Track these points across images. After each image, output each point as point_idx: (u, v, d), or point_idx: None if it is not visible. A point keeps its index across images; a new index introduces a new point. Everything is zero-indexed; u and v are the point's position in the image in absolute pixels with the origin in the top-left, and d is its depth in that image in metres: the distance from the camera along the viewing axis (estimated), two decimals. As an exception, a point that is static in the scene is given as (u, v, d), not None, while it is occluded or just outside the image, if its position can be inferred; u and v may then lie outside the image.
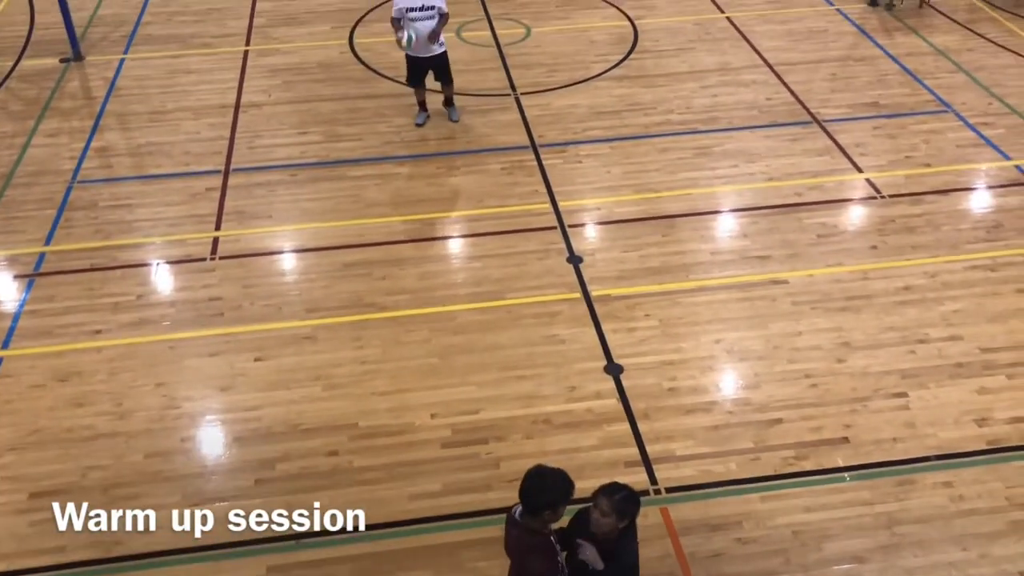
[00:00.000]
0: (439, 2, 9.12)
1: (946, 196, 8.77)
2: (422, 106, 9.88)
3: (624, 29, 11.94)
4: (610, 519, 4.21)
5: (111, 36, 11.91)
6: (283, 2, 12.81)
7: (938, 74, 10.79)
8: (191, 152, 9.53)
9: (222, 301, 7.61)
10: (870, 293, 7.61)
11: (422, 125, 9.83)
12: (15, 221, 8.54)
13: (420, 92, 9.77)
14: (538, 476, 4.17)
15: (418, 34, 9.04)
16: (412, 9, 9.04)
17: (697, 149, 9.50)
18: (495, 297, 7.65)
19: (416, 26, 9.04)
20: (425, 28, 9.10)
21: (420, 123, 9.84)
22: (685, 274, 7.85)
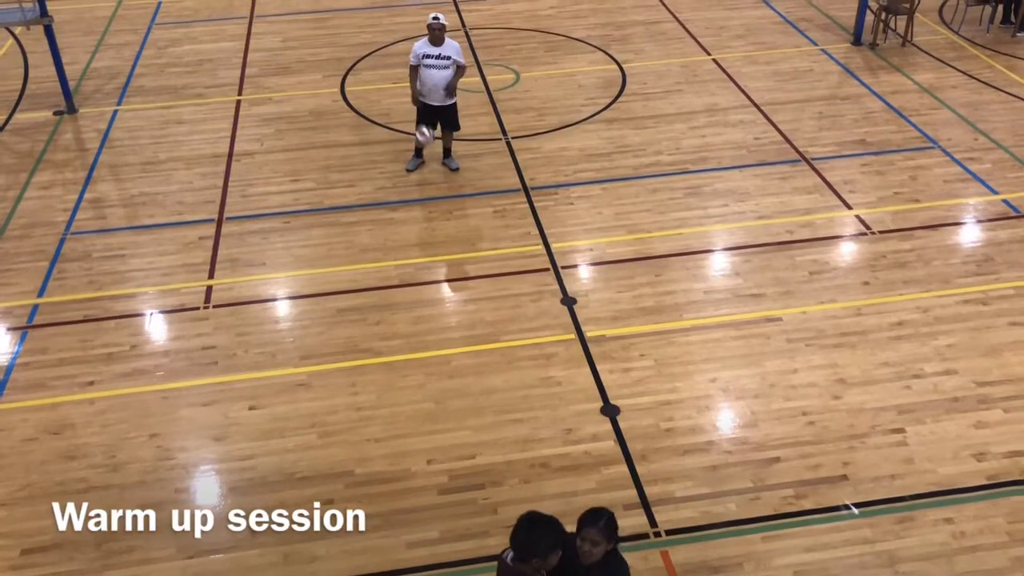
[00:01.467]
0: (456, 54, 9.30)
1: (936, 231, 8.84)
2: (418, 152, 9.96)
3: (612, 73, 12.09)
4: (601, 546, 4.24)
5: (104, 88, 12.02)
6: (275, 52, 12.96)
7: (923, 111, 10.93)
8: (184, 202, 9.57)
9: (216, 350, 7.59)
10: (864, 329, 7.63)
11: (412, 171, 9.90)
12: (8, 273, 8.53)
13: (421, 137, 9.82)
14: (529, 524, 4.15)
15: (432, 81, 9.28)
16: (429, 56, 9.25)
17: (687, 189, 9.58)
18: (489, 340, 7.64)
19: (431, 73, 9.27)
20: (440, 77, 9.29)
21: (411, 169, 9.91)
22: (679, 313, 7.86)
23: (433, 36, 9.23)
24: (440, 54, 9.27)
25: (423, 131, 9.44)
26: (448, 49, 9.30)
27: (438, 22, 9.20)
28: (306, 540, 5.90)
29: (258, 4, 14.64)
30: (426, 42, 9.31)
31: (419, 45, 9.37)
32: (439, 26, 9.19)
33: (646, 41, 12.98)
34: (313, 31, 13.61)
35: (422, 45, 9.34)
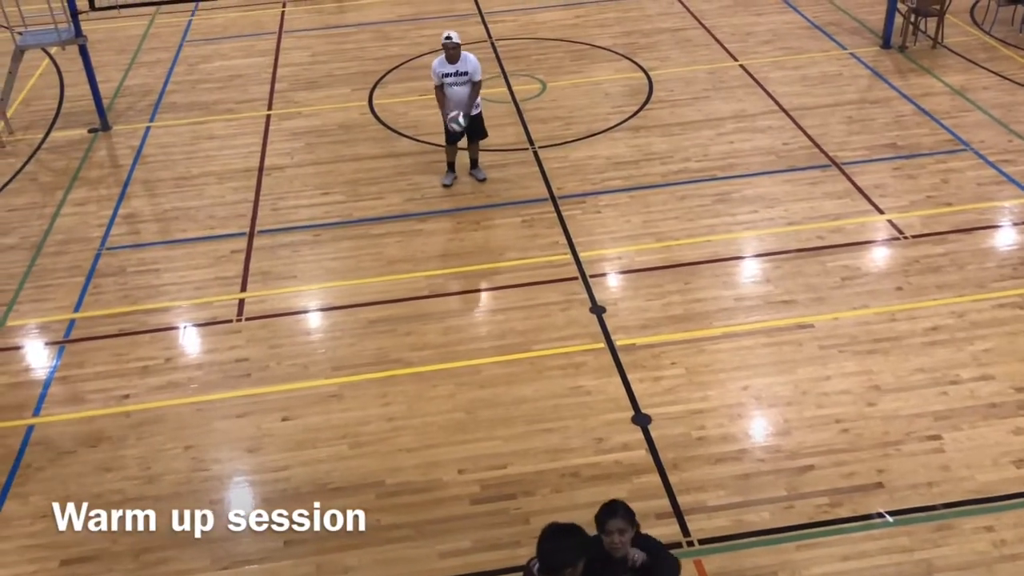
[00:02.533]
0: (473, 70, 9.38)
1: (969, 234, 8.72)
2: (451, 167, 10.01)
3: (638, 80, 12.08)
4: (628, 532, 4.29)
5: (137, 105, 12.21)
6: (303, 67, 13.09)
7: (955, 113, 10.80)
8: (216, 216, 9.69)
9: (248, 362, 7.66)
10: (898, 335, 7.54)
11: (450, 186, 9.94)
12: (46, 289, 8.68)
13: (451, 153, 9.92)
14: (553, 534, 4.13)
15: (457, 97, 9.40)
16: (448, 75, 9.36)
17: (716, 196, 9.53)
18: (519, 349, 7.64)
19: (454, 90, 9.39)
20: (462, 92, 9.41)
21: (448, 184, 9.95)
22: (709, 321, 7.82)
23: (449, 55, 9.30)
24: (458, 71, 9.34)
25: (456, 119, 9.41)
26: (465, 64, 9.35)
27: (451, 41, 9.25)
28: (339, 550, 5.94)
29: (286, 20, 14.81)
30: (443, 60, 9.37)
31: (437, 64, 9.41)
32: (453, 45, 9.25)
33: (672, 48, 12.95)
34: (341, 45, 13.74)
35: (440, 64, 9.39)
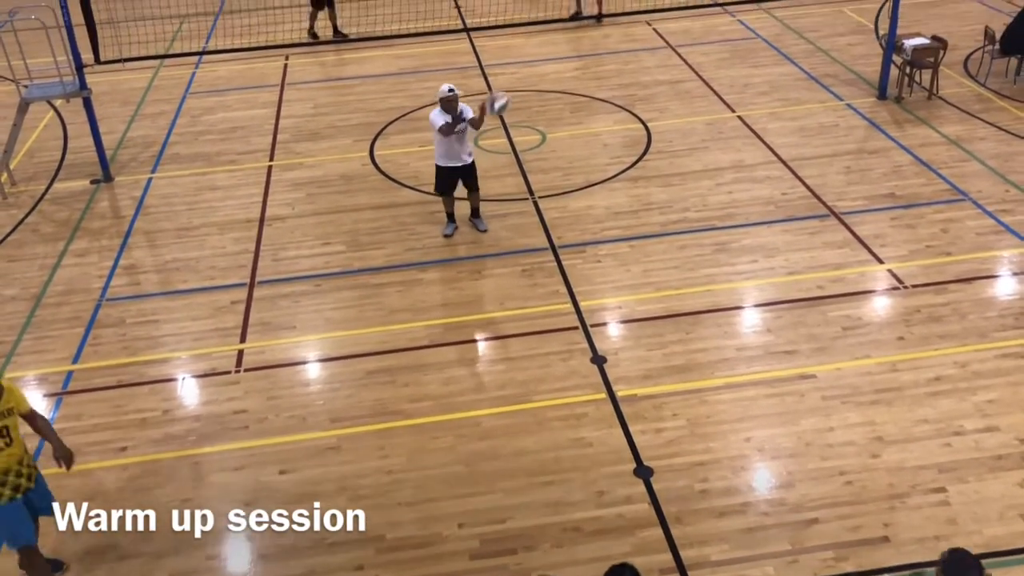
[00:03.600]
0: (467, 111, 9.46)
1: (970, 284, 8.72)
2: (450, 217, 10.03)
3: (637, 131, 12.18)
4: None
5: (140, 157, 12.31)
6: (305, 118, 13.22)
7: (952, 163, 10.88)
8: (217, 266, 9.70)
9: (247, 414, 7.61)
10: (900, 385, 7.50)
11: (450, 236, 9.95)
12: (45, 340, 8.65)
13: (449, 203, 9.95)
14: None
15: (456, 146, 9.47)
16: (448, 124, 9.35)
17: (716, 245, 9.55)
18: (520, 400, 7.60)
19: (451, 141, 9.42)
20: (461, 139, 9.45)
21: (448, 234, 9.96)
22: (711, 371, 7.78)
23: (448, 107, 9.31)
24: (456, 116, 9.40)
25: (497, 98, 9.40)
26: (462, 113, 9.43)
27: (453, 93, 9.27)
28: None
29: (289, 72, 14.99)
30: (440, 112, 9.38)
31: (435, 116, 9.40)
32: (454, 97, 9.28)
33: (671, 100, 13.09)
34: (342, 97, 13.89)
35: (438, 115, 9.38)
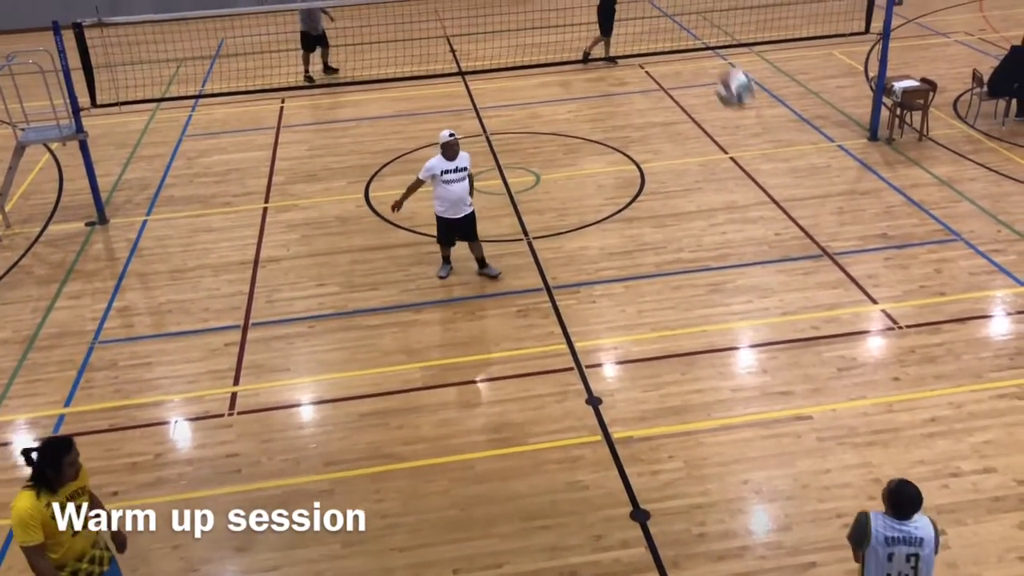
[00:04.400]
0: (468, 163, 9.47)
1: (964, 324, 8.73)
2: (446, 260, 10.02)
3: (630, 173, 12.27)
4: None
5: (135, 199, 12.34)
6: (301, 160, 13.30)
7: (943, 204, 10.95)
8: (211, 308, 9.68)
9: (240, 457, 7.54)
10: (897, 426, 7.48)
11: (445, 278, 9.96)
12: (37, 384, 8.60)
13: (446, 249, 9.95)
14: None
15: (455, 195, 9.39)
16: (447, 171, 9.32)
17: (710, 286, 9.57)
18: (515, 443, 7.55)
19: (452, 188, 9.37)
20: (460, 188, 9.41)
21: (443, 276, 9.97)
22: (707, 413, 7.75)
23: (450, 152, 9.31)
24: (457, 167, 9.36)
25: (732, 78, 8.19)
26: (462, 160, 9.42)
27: (454, 138, 9.31)
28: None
29: (285, 115, 15.11)
30: (441, 158, 9.36)
31: (435, 162, 9.37)
32: (455, 142, 9.31)
33: (664, 141, 13.20)
34: (338, 139, 13.99)
35: (439, 162, 9.35)
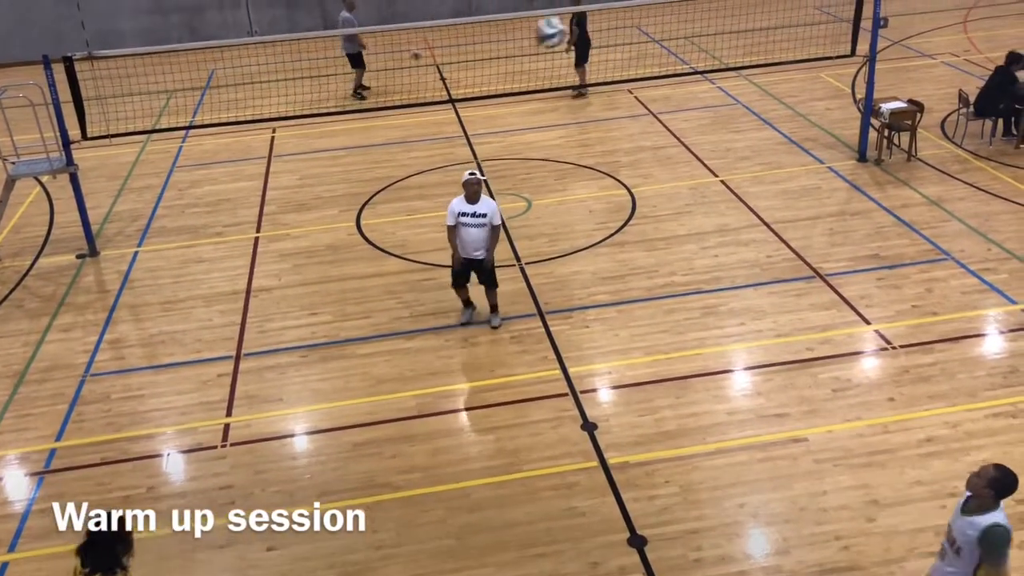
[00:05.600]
0: (492, 212, 9.06)
1: (957, 343, 8.74)
2: (466, 303, 9.67)
3: (622, 197, 12.30)
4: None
5: (126, 231, 12.32)
6: (292, 189, 13.30)
7: (934, 223, 11.00)
8: (203, 339, 9.64)
9: (233, 489, 7.47)
10: (893, 447, 7.45)
11: (468, 323, 9.58)
12: (27, 418, 8.53)
13: (463, 292, 9.57)
14: None
15: (470, 238, 9.12)
16: (465, 214, 9.06)
17: (703, 309, 9.57)
18: (510, 470, 7.50)
19: (470, 231, 9.08)
20: (476, 234, 9.08)
21: (466, 321, 9.59)
22: (702, 436, 7.72)
23: (470, 192, 9.03)
24: (476, 212, 9.03)
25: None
26: (484, 207, 9.02)
27: (475, 176, 9.04)
28: None
29: (276, 144, 15.14)
30: (462, 200, 9.09)
31: (456, 203, 9.13)
32: (476, 181, 9.02)
33: (654, 165, 13.26)
34: (328, 168, 14.01)
35: (459, 203, 9.11)
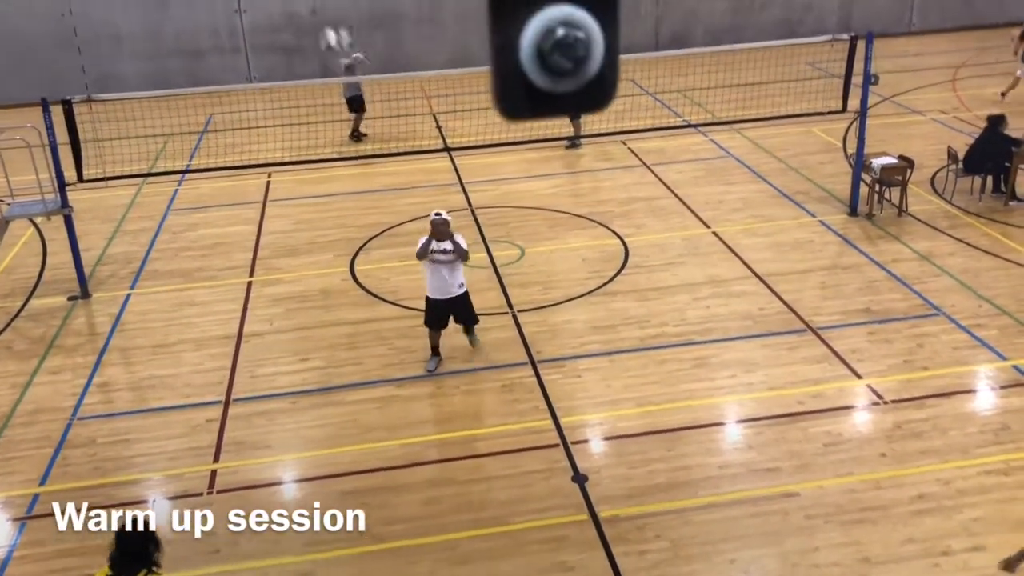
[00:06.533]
0: (458, 240, 9.12)
1: (948, 399, 8.74)
2: (435, 351, 9.64)
3: (614, 247, 12.36)
4: None
5: (119, 273, 12.31)
6: (286, 234, 13.34)
7: (924, 279, 11.06)
8: (192, 384, 9.58)
9: (217, 537, 7.36)
10: (885, 503, 7.41)
11: (433, 371, 9.53)
12: (12, 462, 8.43)
13: (435, 337, 9.57)
14: None
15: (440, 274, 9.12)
16: (435, 251, 9.13)
17: (695, 360, 9.57)
18: (499, 522, 7.42)
19: (438, 270, 9.12)
20: (447, 269, 9.12)
21: (431, 369, 9.55)
22: (694, 490, 7.66)
23: (437, 232, 9.11)
24: (445, 248, 9.13)
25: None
26: (450, 243, 9.12)
27: (440, 218, 9.15)
28: None
29: (272, 189, 15.21)
30: (429, 238, 9.17)
31: (423, 240, 9.19)
32: (442, 221, 9.12)
33: (647, 216, 13.35)
34: (323, 214, 14.07)
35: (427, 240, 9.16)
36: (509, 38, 1.57)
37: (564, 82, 1.60)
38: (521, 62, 1.58)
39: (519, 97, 1.60)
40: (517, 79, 1.59)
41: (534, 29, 1.57)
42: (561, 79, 1.60)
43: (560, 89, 1.60)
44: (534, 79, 1.59)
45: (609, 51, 1.59)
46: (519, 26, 1.56)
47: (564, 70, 1.58)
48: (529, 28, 1.57)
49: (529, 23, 1.56)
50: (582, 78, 1.60)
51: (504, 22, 1.57)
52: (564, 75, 1.59)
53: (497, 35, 1.58)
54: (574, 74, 1.59)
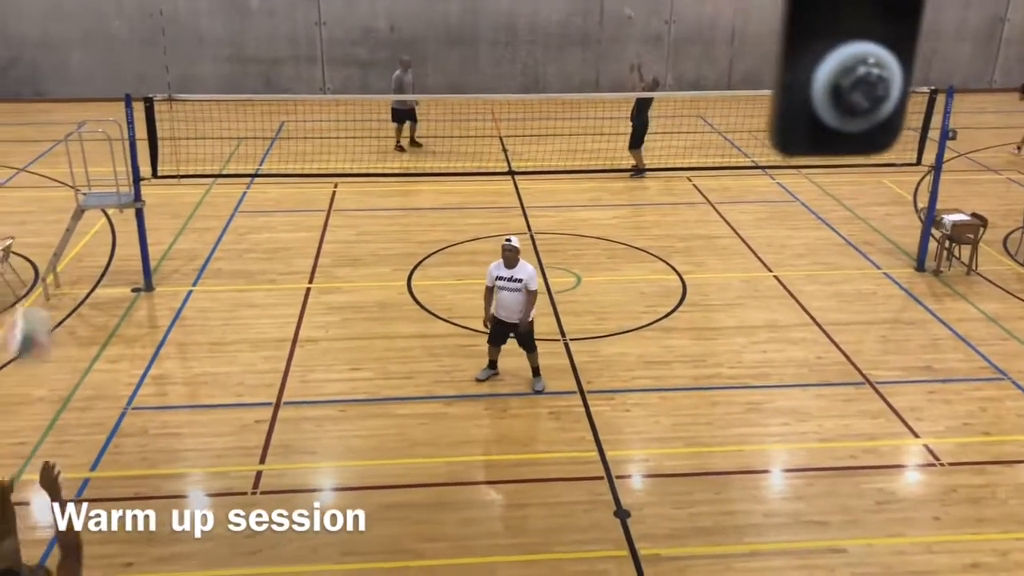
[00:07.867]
0: (528, 278, 9.25)
1: (1010, 467, 8.45)
2: (492, 364, 9.80)
3: (673, 283, 12.26)
4: None
5: (183, 269, 12.56)
6: (348, 244, 13.50)
7: (991, 341, 10.76)
8: (245, 383, 9.70)
9: (258, 539, 7.41)
10: (936, 568, 7.17)
11: (483, 380, 9.73)
12: (66, 445, 8.61)
13: (493, 352, 9.74)
14: None
15: (505, 301, 9.30)
16: (502, 278, 9.26)
17: (748, 404, 9.42)
18: (538, 550, 7.35)
19: (503, 295, 9.29)
20: (511, 298, 9.27)
21: (482, 378, 9.74)
22: (738, 536, 7.51)
23: (505, 258, 9.24)
24: (512, 276, 9.21)
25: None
26: (520, 272, 9.24)
27: (510, 244, 9.25)
28: None
29: (337, 199, 15.42)
30: (499, 264, 9.31)
31: (494, 267, 9.35)
32: (511, 248, 9.22)
33: (708, 254, 13.23)
34: (386, 227, 14.21)
35: (496, 267, 9.32)
36: (803, 72, 1.53)
37: (856, 121, 1.56)
38: (812, 98, 1.55)
39: (802, 133, 1.56)
40: (803, 115, 1.55)
41: (832, 65, 1.53)
42: (854, 118, 1.56)
43: (848, 128, 1.56)
44: (823, 116, 1.55)
45: (903, 93, 1.55)
46: (816, 61, 1.52)
47: (860, 109, 1.55)
48: (827, 63, 1.53)
49: (827, 58, 1.53)
50: (875, 118, 1.56)
51: (800, 55, 1.53)
52: (858, 114, 1.55)
53: (789, 68, 1.54)
54: (868, 114, 1.55)
